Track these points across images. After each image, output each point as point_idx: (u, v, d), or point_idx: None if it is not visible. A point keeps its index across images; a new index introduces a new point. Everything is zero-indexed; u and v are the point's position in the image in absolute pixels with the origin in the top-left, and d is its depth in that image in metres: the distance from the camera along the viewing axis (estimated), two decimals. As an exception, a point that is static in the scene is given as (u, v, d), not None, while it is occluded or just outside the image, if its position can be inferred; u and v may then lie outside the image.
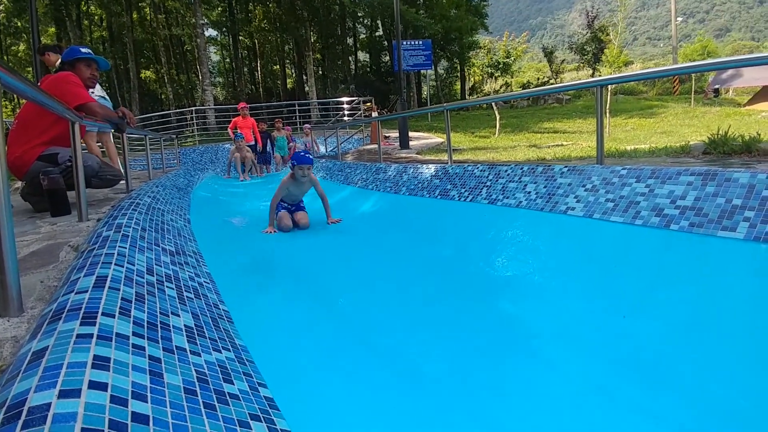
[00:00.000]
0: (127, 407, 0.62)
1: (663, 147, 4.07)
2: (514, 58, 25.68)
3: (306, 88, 21.30)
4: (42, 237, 1.65)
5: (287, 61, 28.27)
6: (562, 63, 27.06)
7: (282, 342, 1.49)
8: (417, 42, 17.22)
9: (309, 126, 9.68)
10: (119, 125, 2.67)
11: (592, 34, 23.25)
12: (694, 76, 17.28)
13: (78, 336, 0.72)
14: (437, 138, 10.07)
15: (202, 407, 0.74)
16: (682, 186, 2.00)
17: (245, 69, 27.01)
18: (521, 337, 1.58)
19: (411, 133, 9.56)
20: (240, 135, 7.52)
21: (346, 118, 13.56)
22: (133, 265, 1.19)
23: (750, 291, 1.50)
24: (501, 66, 25.38)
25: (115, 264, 1.10)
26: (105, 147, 4.19)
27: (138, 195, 2.53)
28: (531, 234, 2.39)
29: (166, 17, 23.36)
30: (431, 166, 3.91)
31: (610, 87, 10.77)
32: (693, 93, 16.22)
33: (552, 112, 16.63)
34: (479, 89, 27.81)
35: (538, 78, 28.45)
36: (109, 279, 0.99)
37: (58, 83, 2.42)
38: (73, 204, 2.12)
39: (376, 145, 7.20)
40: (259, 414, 0.85)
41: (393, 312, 1.83)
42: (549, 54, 26.23)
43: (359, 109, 13.62)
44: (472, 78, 28.34)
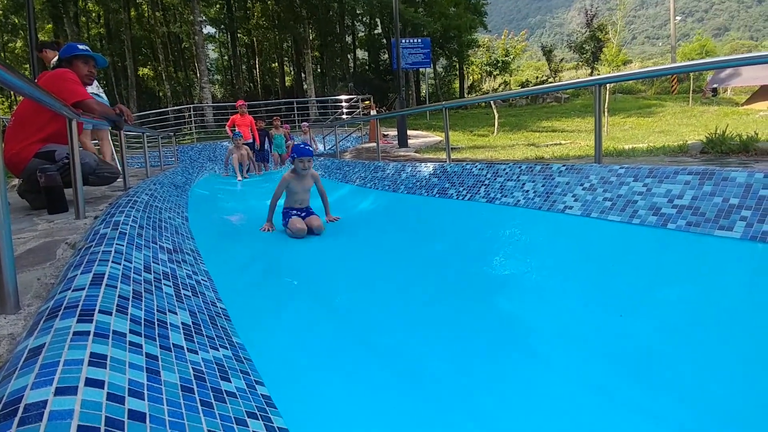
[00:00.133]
0: (124, 405, 0.62)
1: (661, 146, 4.08)
2: (512, 56, 25.66)
3: (304, 86, 21.26)
4: (39, 234, 1.64)
5: (286, 59, 28.20)
6: (560, 62, 27.07)
7: (280, 340, 1.49)
8: (416, 40, 17.19)
9: (307, 124, 9.66)
10: (117, 122, 2.66)
11: (590, 32, 23.26)
12: (692, 75, 17.32)
13: (75, 333, 0.72)
14: (436, 136, 10.06)
15: (199, 405, 0.74)
16: (679, 185, 2.00)
17: (243, 67, 26.92)
18: (519, 336, 1.59)
19: (409, 132, 9.56)
20: (238, 133, 7.51)
21: (344, 116, 13.54)
22: (131, 263, 1.19)
23: (746, 290, 1.51)
24: (500, 64, 25.36)
25: (113, 261, 1.10)
26: (100, 144, 4.16)
27: (135, 193, 2.53)
28: (529, 233, 2.40)
29: (163, 14, 23.26)
30: (430, 164, 3.90)
31: (608, 86, 10.77)
32: (691, 92, 16.25)
33: (550, 110, 16.63)
34: (478, 88, 27.78)
35: (536, 77, 28.43)
36: (107, 276, 0.99)
37: (55, 80, 2.40)
38: (71, 201, 2.11)
39: (374, 144, 7.19)
40: (256, 412, 0.85)
41: (391, 310, 1.83)
42: (548, 53, 26.23)
43: (358, 108, 13.61)
44: (470, 76, 28.31)
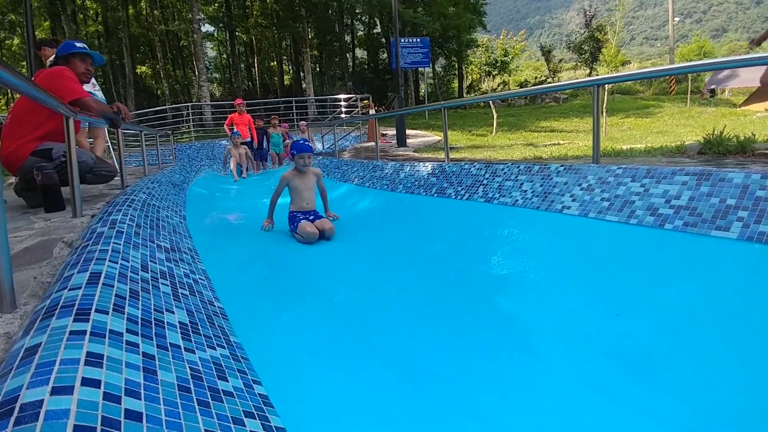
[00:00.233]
0: (121, 404, 0.62)
1: (659, 147, 4.09)
2: (511, 56, 25.70)
3: (303, 84, 21.23)
4: (35, 233, 1.63)
5: (284, 58, 28.14)
6: (559, 62, 27.11)
7: (278, 339, 1.49)
8: (415, 39, 17.16)
9: (305, 123, 9.63)
10: (114, 121, 2.65)
11: (589, 33, 23.30)
12: (690, 76, 17.34)
13: (71, 333, 0.71)
14: (434, 136, 10.07)
15: (196, 404, 0.74)
16: (676, 186, 2.01)
17: (242, 65, 26.86)
18: (519, 336, 1.59)
19: (408, 131, 9.56)
20: (236, 132, 7.49)
21: (343, 115, 13.53)
22: (128, 262, 1.18)
23: (743, 290, 1.52)
24: (499, 64, 25.39)
25: (110, 260, 1.10)
26: (94, 142, 4.10)
27: (133, 191, 2.52)
28: (527, 233, 2.40)
29: (162, 12, 23.18)
30: (428, 164, 3.91)
31: (607, 86, 10.79)
32: (689, 93, 16.29)
33: (549, 111, 16.65)
34: (477, 87, 27.78)
35: (535, 77, 28.46)
36: (103, 275, 0.99)
37: (52, 78, 2.39)
38: (67, 200, 2.10)
39: (373, 143, 7.18)
40: (254, 411, 0.85)
41: (390, 309, 1.83)
42: (547, 53, 26.27)
43: (356, 107, 13.60)
44: (469, 76, 28.32)
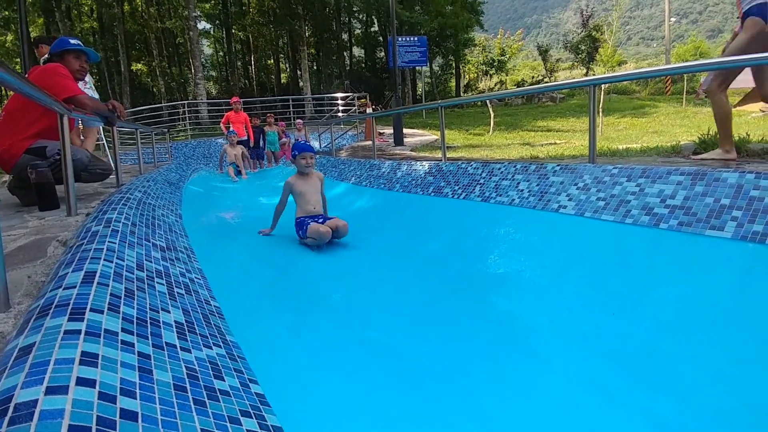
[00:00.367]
0: (116, 404, 0.61)
1: (654, 146, 4.11)
2: (509, 56, 25.73)
3: (300, 83, 21.18)
4: (29, 231, 1.62)
5: (281, 56, 28.02)
6: (556, 62, 27.19)
7: (274, 338, 1.49)
8: (412, 38, 17.15)
9: (301, 121, 9.60)
10: (109, 118, 2.63)
11: (586, 33, 23.37)
12: (686, 76, 17.42)
13: (66, 332, 0.71)
14: (431, 135, 10.07)
15: (192, 404, 0.74)
16: (671, 185, 2.02)
17: (239, 63, 26.73)
18: (518, 335, 1.60)
19: (405, 130, 9.56)
20: (232, 131, 7.43)
21: (340, 113, 13.50)
22: (123, 261, 1.18)
23: (737, 290, 1.53)
24: (496, 64, 25.41)
25: (105, 259, 1.09)
26: (84, 141, 4.05)
27: (128, 190, 2.50)
28: (523, 232, 2.41)
29: (158, 9, 23.01)
30: (425, 163, 3.91)
31: (603, 86, 10.83)
32: (685, 93, 16.37)
33: (546, 110, 16.69)
34: (474, 87, 27.81)
35: (532, 76, 28.52)
36: (98, 274, 0.98)
37: (46, 75, 2.37)
38: (62, 198, 2.09)
39: (370, 142, 7.17)
40: (250, 410, 0.85)
41: (386, 307, 1.84)
42: (544, 52, 26.35)
43: (354, 105, 13.58)
44: (467, 75, 28.34)
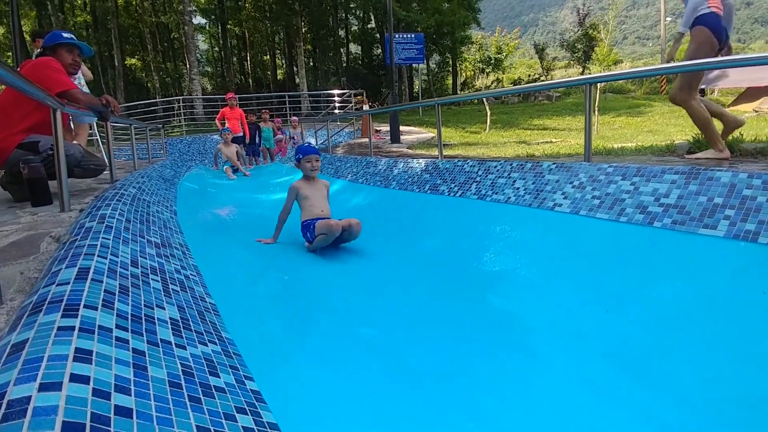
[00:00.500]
0: (110, 401, 0.61)
1: (649, 145, 4.13)
2: (505, 54, 25.72)
3: (297, 79, 21.05)
4: (22, 227, 1.60)
5: (278, 52, 27.86)
6: (553, 60, 27.21)
7: (270, 335, 1.48)
8: (409, 35, 17.12)
9: (297, 118, 9.57)
10: (103, 113, 2.60)
11: (583, 31, 23.40)
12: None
13: (59, 328, 0.70)
14: (428, 132, 10.07)
15: (187, 400, 0.74)
16: (666, 184, 2.03)
17: (234, 59, 26.53)
18: (513, 332, 1.61)
19: (402, 127, 9.54)
20: (227, 129, 7.36)
21: (336, 110, 13.46)
22: (117, 257, 1.17)
23: (730, 288, 1.55)
24: (492, 62, 25.40)
25: (98, 255, 1.08)
26: (76, 135, 4.00)
27: (123, 185, 2.48)
28: (519, 230, 2.42)
29: (152, 3, 22.77)
30: (421, 160, 3.91)
31: (599, 85, 10.88)
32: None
33: (542, 108, 16.73)
34: (471, 84, 27.79)
35: (529, 75, 28.55)
36: (92, 271, 0.97)
37: (37, 69, 2.34)
38: (55, 194, 2.07)
39: (366, 139, 7.16)
40: (246, 407, 0.85)
41: (383, 305, 1.84)
42: (540, 51, 26.34)
43: (350, 102, 13.54)
44: (463, 73, 28.32)
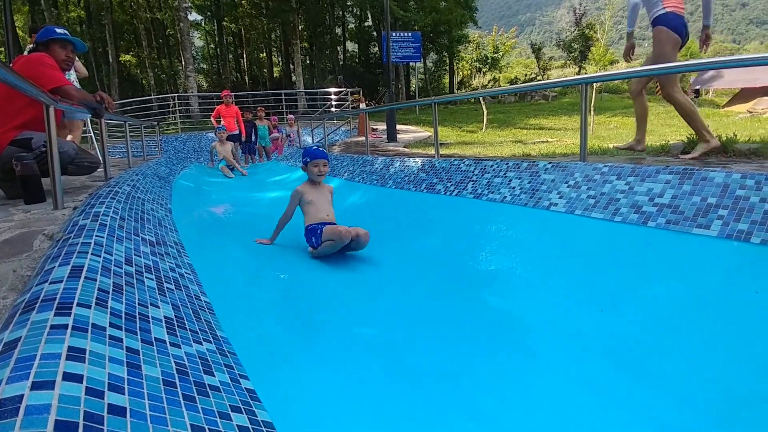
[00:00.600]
0: (104, 399, 0.61)
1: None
2: (502, 53, 25.76)
3: (293, 77, 21.00)
4: (15, 225, 1.59)
5: (274, 50, 27.74)
6: (549, 60, 27.30)
7: (266, 334, 1.48)
8: (406, 34, 17.11)
9: (293, 116, 9.54)
10: (97, 110, 2.58)
11: (579, 31, 23.47)
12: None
13: (52, 327, 0.70)
14: (425, 131, 10.07)
15: (181, 399, 0.73)
16: (660, 184, 2.05)
17: (230, 56, 26.42)
18: (512, 332, 1.61)
19: (398, 126, 9.54)
20: (222, 127, 7.30)
21: (333, 109, 13.43)
22: (111, 255, 1.16)
23: (723, 288, 1.56)
24: (489, 61, 25.44)
25: (92, 254, 1.08)
26: (70, 132, 3.95)
27: (117, 183, 2.47)
28: (514, 229, 2.43)
29: (147, -1, 22.60)
30: (418, 159, 3.91)
31: (595, 85, 10.92)
32: (675, 93, 16.54)
33: (538, 108, 16.80)
34: (467, 84, 27.82)
35: (525, 74, 28.62)
36: (86, 269, 0.96)
37: (30, 65, 2.32)
38: (48, 191, 2.05)
39: (363, 137, 7.16)
40: (240, 406, 0.85)
41: (380, 303, 1.84)
42: (537, 50, 26.42)
43: (347, 100, 13.51)
44: (460, 72, 28.34)
